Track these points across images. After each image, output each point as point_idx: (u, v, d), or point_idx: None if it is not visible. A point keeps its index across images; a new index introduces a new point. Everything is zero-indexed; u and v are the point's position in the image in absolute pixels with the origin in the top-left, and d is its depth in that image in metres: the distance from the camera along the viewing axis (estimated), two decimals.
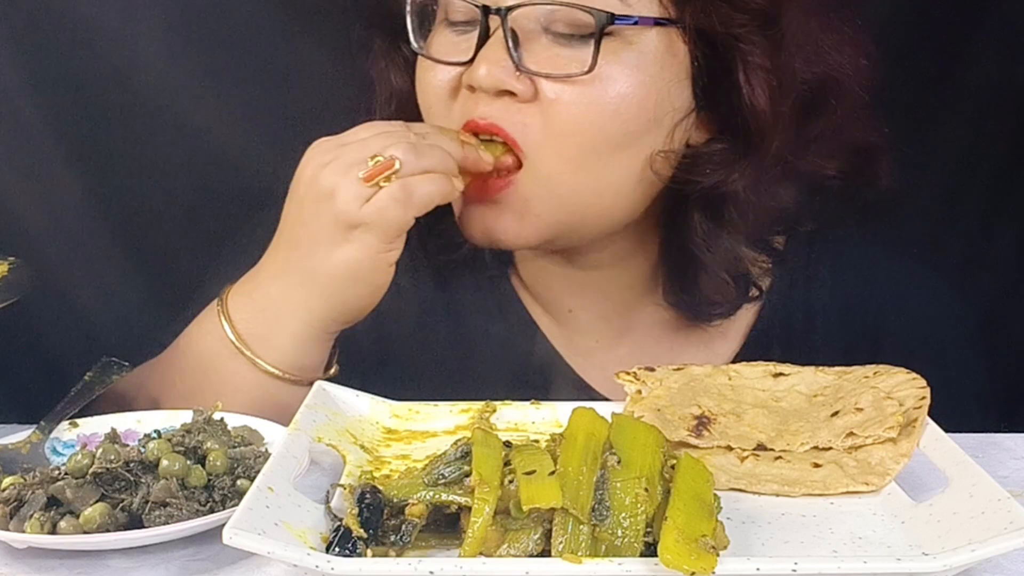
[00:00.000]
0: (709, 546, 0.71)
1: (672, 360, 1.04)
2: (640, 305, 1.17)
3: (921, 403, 0.92)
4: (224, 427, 0.92)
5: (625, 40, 1.00)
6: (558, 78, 0.99)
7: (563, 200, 1.03)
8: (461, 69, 1.03)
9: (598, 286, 1.16)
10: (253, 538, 0.71)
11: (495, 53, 1.00)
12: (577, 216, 1.04)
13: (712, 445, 0.93)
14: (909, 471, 0.89)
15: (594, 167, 1.01)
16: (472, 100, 1.02)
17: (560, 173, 1.01)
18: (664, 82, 1.01)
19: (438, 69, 1.05)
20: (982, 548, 0.72)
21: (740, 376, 1.01)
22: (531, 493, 0.74)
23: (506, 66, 0.99)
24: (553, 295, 1.19)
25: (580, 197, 1.03)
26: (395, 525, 0.78)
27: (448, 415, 1.00)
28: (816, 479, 0.88)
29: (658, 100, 1.01)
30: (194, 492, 0.84)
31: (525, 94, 1.00)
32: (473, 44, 1.01)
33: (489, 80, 1.00)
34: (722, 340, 1.17)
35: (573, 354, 1.19)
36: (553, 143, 1.00)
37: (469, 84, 1.02)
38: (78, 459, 0.84)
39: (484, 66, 1.00)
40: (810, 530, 0.82)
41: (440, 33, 1.07)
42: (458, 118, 1.04)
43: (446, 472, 0.79)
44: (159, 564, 0.80)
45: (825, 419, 0.94)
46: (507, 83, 0.99)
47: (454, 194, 1.00)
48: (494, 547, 0.74)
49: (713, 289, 1.10)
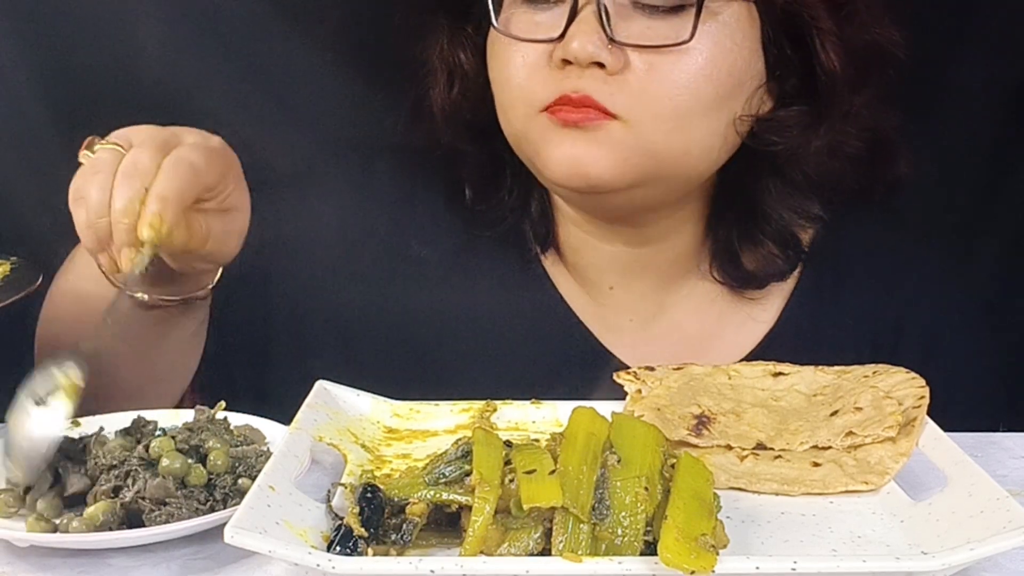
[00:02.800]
0: (709, 545, 0.71)
1: (702, 337, 1.13)
2: (680, 283, 1.20)
3: (920, 402, 0.92)
4: (227, 426, 0.92)
5: (711, 12, 1.04)
6: (655, 48, 1.03)
7: (652, 153, 1.05)
8: (547, 46, 1.05)
9: (644, 263, 1.19)
10: (254, 537, 0.71)
11: (588, 26, 1.02)
12: (664, 169, 1.07)
13: (712, 444, 0.93)
14: (908, 470, 0.89)
15: (685, 128, 1.05)
16: (561, 75, 1.04)
17: (653, 132, 1.04)
18: (745, 50, 1.06)
19: (522, 47, 1.07)
20: (981, 547, 0.72)
21: (740, 375, 1.01)
22: (531, 492, 0.74)
23: (600, 39, 1.02)
24: (596, 272, 1.21)
25: (669, 153, 1.06)
26: (396, 524, 0.78)
27: (449, 414, 1.00)
28: (815, 478, 0.88)
29: (741, 67, 1.06)
30: (194, 491, 0.85)
31: (615, 66, 1.03)
32: (560, 20, 1.04)
33: (584, 53, 1.02)
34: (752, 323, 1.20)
35: (605, 331, 1.20)
36: (647, 108, 1.04)
37: (563, 58, 1.04)
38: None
39: (578, 39, 1.02)
40: (809, 529, 0.83)
41: (517, 12, 1.09)
42: (546, 94, 1.05)
43: (447, 471, 0.79)
44: (160, 563, 0.80)
45: (824, 418, 0.94)
46: (601, 55, 1.02)
47: None
48: (495, 546, 0.74)
49: (763, 256, 1.16)
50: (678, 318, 1.21)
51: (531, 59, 1.06)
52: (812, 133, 1.10)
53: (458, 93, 1.17)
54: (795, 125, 1.10)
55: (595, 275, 1.21)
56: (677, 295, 1.21)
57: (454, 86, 1.17)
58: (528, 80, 1.07)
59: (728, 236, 1.16)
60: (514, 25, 1.08)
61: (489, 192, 1.19)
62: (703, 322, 1.20)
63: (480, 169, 1.19)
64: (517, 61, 1.07)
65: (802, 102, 1.10)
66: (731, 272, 1.17)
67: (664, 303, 1.21)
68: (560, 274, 1.22)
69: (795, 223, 1.16)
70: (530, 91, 1.07)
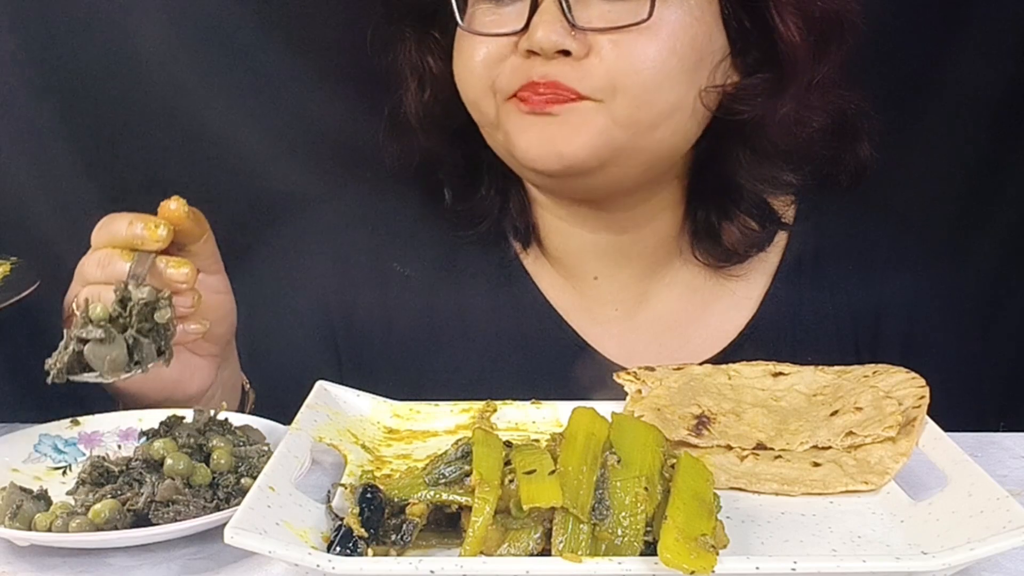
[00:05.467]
0: (709, 545, 0.71)
1: (687, 323, 1.15)
2: (663, 270, 1.22)
3: (920, 402, 0.92)
4: (229, 426, 0.93)
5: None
6: (617, 30, 1.05)
7: (624, 128, 1.07)
8: (510, 39, 1.08)
9: (626, 250, 1.21)
10: (254, 538, 0.71)
11: (550, 16, 1.05)
12: (635, 143, 1.09)
13: (712, 444, 0.93)
14: (908, 470, 0.89)
15: (652, 103, 1.07)
16: (526, 65, 1.07)
17: (621, 107, 1.06)
18: (705, 24, 1.09)
19: (486, 42, 1.09)
20: (981, 547, 0.72)
21: (740, 375, 1.01)
22: (531, 492, 0.74)
23: (562, 27, 1.04)
24: (579, 262, 1.22)
25: (638, 127, 1.08)
26: (396, 524, 0.78)
27: (448, 415, 1.00)
28: (815, 478, 0.88)
29: (702, 40, 1.09)
30: (199, 490, 0.85)
31: (580, 51, 1.05)
32: (522, 13, 1.06)
33: (548, 42, 1.04)
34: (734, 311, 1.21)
35: (591, 324, 1.22)
36: (615, 86, 1.06)
37: (528, 49, 1.06)
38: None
39: (542, 29, 1.04)
40: (809, 529, 0.82)
41: (480, 8, 1.11)
42: (512, 82, 1.08)
43: (447, 472, 0.79)
44: (161, 563, 0.80)
45: (824, 418, 0.94)
46: (565, 43, 1.04)
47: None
48: (494, 546, 0.74)
49: (741, 230, 1.17)
50: (663, 306, 1.22)
51: (495, 51, 1.09)
52: (777, 101, 1.12)
53: (430, 96, 1.20)
54: (761, 94, 1.12)
55: (579, 266, 1.22)
56: (660, 282, 1.22)
57: (425, 90, 1.20)
58: (493, 70, 1.09)
59: (706, 215, 1.18)
60: (478, 22, 1.11)
61: (468, 191, 1.22)
62: (688, 309, 1.22)
63: (457, 169, 1.22)
64: (481, 53, 1.10)
65: (766, 71, 1.12)
66: (712, 250, 1.19)
67: (648, 291, 1.22)
68: (543, 269, 1.24)
69: (768, 192, 1.18)
70: (496, 80, 1.09)
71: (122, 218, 0.98)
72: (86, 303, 0.93)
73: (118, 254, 0.96)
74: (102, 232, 0.99)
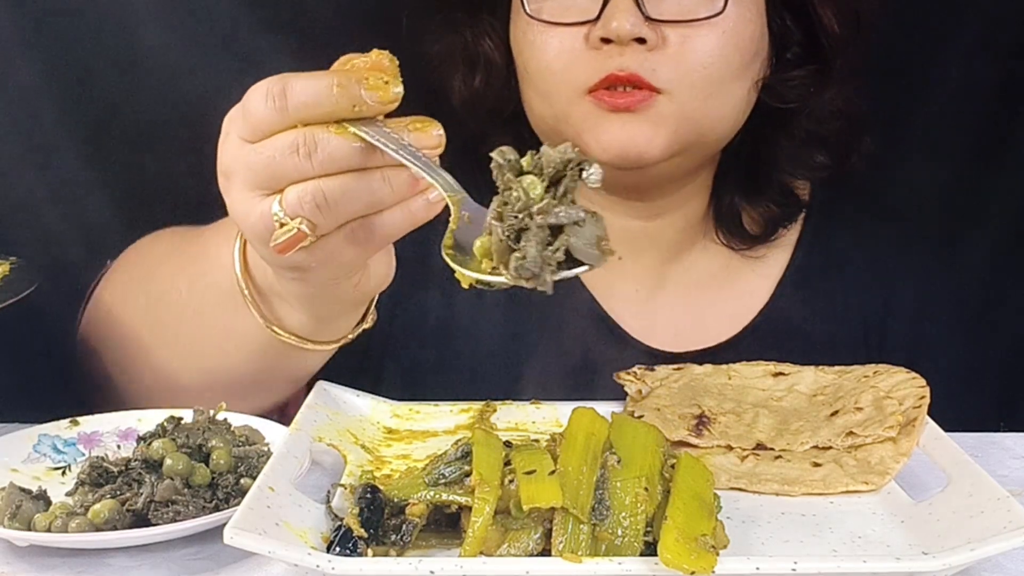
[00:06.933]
0: (709, 545, 0.71)
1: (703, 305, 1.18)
2: (685, 253, 1.23)
3: (921, 402, 0.92)
4: (228, 426, 0.92)
5: None
6: (690, 22, 1.06)
7: (693, 122, 1.09)
8: (580, 29, 1.08)
9: (652, 236, 1.22)
10: (254, 538, 0.71)
11: (624, 5, 1.05)
12: (701, 135, 1.11)
13: (712, 444, 0.93)
14: (909, 470, 0.89)
15: (719, 95, 1.10)
16: (601, 56, 1.07)
17: (692, 100, 1.08)
18: (760, 19, 1.12)
19: (557, 33, 1.09)
20: (981, 547, 0.72)
21: (740, 375, 1.01)
22: (531, 493, 0.74)
23: (637, 17, 1.05)
24: None
25: (707, 120, 1.10)
26: (396, 525, 0.78)
27: (448, 415, 1.00)
28: (816, 478, 0.88)
29: (758, 34, 1.12)
30: (199, 490, 0.85)
31: (655, 41, 1.06)
32: (594, 2, 1.07)
33: (624, 30, 1.05)
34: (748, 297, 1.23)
35: (612, 299, 1.22)
36: (685, 79, 1.07)
37: (603, 37, 1.06)
38: None
39: (617, 19, 1.05)
40: (810, 529, 0.82)
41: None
42: (590, 75, 1.08)
43: (446, 472, 0.79)
44: (160, 563, 0.80)
45: (825, 418, 0.94)
46: (641, 32, 1.05)
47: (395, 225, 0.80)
48: (494, 547, 0.74)
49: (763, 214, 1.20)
50: (682, 288, 1.23)
51: (568, 43, 1.09)
52: (823, 90, 1.16)
53: (481, 82, 1.19)
54: (809, 84, 1.16)
55: None
56: (681, 265, 1.24)
57: (476, 76, 1.19)
58: (570, 64, 1.09)
59: (731, 199, 1.21)
60: (546, 11, 1.10)
61: None
62: (705, 292, 1.23)
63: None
64: (554, 46, 1.09)
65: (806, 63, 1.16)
66: (736, 232, 1.21)
67: (669, 273, 1.23)
68: None
69: (800, 175, 1.22)
70: (573, 75, 1.09)
71: (309, 81, 0.75)
72: (508, 185, 0.72)
73: (324, 132, 0.74)
74: (275, 105, 0.75)
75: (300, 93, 0.74)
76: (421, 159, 0.74)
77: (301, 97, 0.74)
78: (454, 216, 0.74)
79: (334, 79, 0.74)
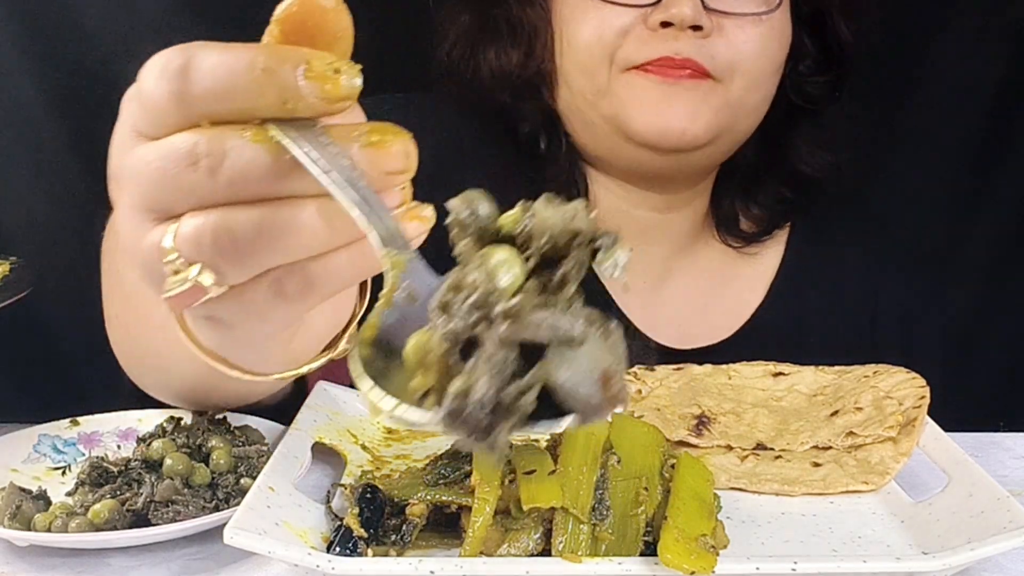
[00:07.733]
0: (709, 546, 0.71)
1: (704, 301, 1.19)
2: (689, 249, 1.25)
3: (920, 402, 0.92)
4: (227, 426, 0.92)
5: None
6: (745, 16, 1.10)
7: (732, 110, 1.11)
8: (638, 11, 1.09)
9: (663, 228, 1.23)
10: (254, 538, 0.71)
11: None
12: (735, 123, 1.13)
13: (712, 444, 0.93)
14: (909, 470, 0.89)
15: (760, 88, 1.13)
16: (657, 38, 1.08)
17: (736, 89, 1.11)
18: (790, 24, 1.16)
19: (615, 11, 1.10)
20: (981, 547, 0.72)
21: (740, 375, 1.01)
22: (531, 493, 0.74)
23: (698, 4, 1.07)
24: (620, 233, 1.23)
25: (743, 109, 1.13)
26: (396, 525, 0.78)
27: None
28: (816, 478, 0.88)
29: (789, 34, 1.16)
30: (199, 490, 0.85)
31: (710, 29, 1.08)
32: None
33: (685, 16, 1.06)
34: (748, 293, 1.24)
35: (619, 289, 1.23)
36: (735, 69, 1.10)
37: (663, 21, 1.07)
38: None
39: (677, 5, 1.06)
40: (810, 529, 0.82)
41: None
42: (643, 54, 1.08)
43: (446, 472, 0.79)
44: (160, 563, 0.80)
45: (825, 418, 0.94)
46: (700, 19, 1.07)
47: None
48: (494, 547, 0.74)
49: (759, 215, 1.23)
50: (685, 283, 1.24)
51: (623, 21, 1.09)
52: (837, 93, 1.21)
53: (521, 52, 1.18)
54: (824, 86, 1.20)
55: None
56: (684, 260, 1.25)
57: (518, 47, 1.18)
58: (618, 39, 1.09)
59: (731, 200, 1.24)
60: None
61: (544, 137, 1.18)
62: (707, 288, 1.24)
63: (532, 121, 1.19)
64: (608, 22, 1.10)
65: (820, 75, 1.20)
66: (732, 231, 1.24)
67: (673, 268, 1.24)
68: None
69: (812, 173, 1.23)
70: (625, 52, 1.09)
71: (223, 56, 0.51)
72: (467, 259, 0.52)
73: (237, 136, 0.51)
74: (170, 88, 0.52)
75: (208, 75, 0.50)
76: (361, 188, 0.50)
77: (207, 81, 0.50)
78: (387, 287, 0.52)
79: (260, 57, 0.50)
